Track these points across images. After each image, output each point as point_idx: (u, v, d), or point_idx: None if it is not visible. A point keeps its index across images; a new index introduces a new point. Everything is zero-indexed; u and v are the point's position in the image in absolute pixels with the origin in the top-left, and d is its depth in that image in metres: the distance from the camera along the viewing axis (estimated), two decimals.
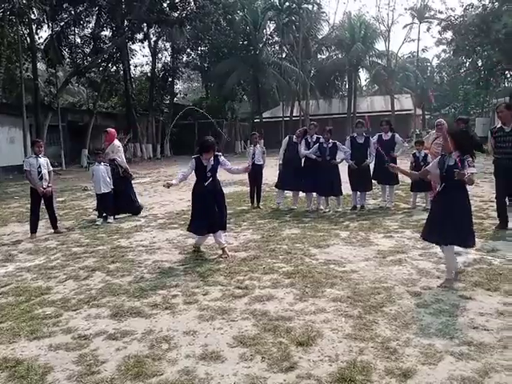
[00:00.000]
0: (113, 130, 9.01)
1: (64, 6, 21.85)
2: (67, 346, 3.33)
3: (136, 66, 35.43)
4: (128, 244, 6.51)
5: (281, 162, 8.62)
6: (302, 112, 37.73)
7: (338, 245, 5.86)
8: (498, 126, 6.10)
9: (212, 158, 5.40)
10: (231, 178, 14.19)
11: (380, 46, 41.09)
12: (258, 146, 8.84)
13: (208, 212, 5.42)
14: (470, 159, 4.14)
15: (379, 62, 39.83)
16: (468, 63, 39.31)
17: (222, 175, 6.14)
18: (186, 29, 28.86)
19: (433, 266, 4.74)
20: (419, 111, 43.86)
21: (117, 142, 8.86)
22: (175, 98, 38.89)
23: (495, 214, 6.53)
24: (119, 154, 8.71)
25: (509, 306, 3.60)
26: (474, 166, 4.16)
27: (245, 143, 40.27)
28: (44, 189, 7.26)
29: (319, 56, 42.49)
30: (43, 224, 7.89)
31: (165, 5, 22.97)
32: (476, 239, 5.63)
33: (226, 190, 12.07)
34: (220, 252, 5.57)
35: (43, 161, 7.35)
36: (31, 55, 21.96)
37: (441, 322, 3.38)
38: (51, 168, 7.53)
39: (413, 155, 8.31)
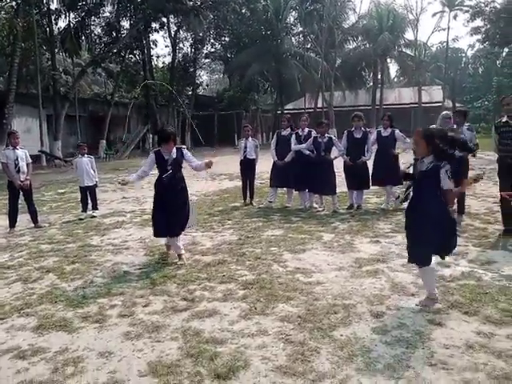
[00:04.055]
0: None
1: None
2: None
3: (158, 57, 35.36)
4: (99, 242, 6.19)
5: (275, 158, 8.09)
6: (326, 103, 36.80)
7: (316, 249, 5.32)
8: (504, 120, 5.38)
9: (174, 151, 4.95)
10: (235, 171, 13.74)
11: (408, 35, 39.34)
12: (250, 139, 8.32)
13: (169, 214, 4.95)
14: (448, 167, 3.46)
15: (408, 52, 38.24)
16: (505, 53, 37.26)
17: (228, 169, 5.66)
18: (207, 19, 28.45)
19: (411, 280, 4.15)
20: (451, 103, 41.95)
21: None
22: (198, 89, 38.69)
23: None
24: None
25: (482, 337, 3.00)
26: (450, 177, 3.47)
27: (266, 135, 39.84)
28: (21, 182, 7.03)
29: (346, 46, 41.25)
30: (28, 218, 7.65)
31: None
32: (472, 248, 5.04)
33: (224, 185, 11.76)
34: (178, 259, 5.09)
35: (21, 153, 7.11)
36: (49, 46, 22.10)
37: (394, 355, 2.82)
38: (30, 160, 7.29)
39: None
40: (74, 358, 3.00)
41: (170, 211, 4.92)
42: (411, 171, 4.00)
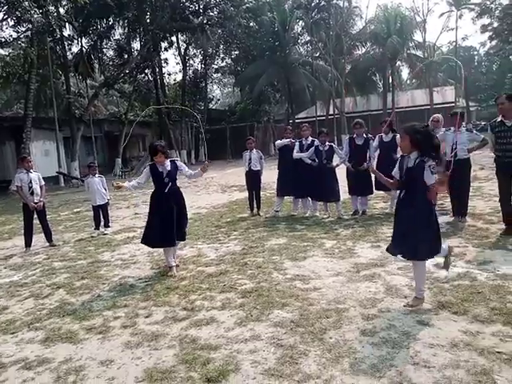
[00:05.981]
0: None
1: (92, 20, 22.51)
2: None
3: (170, 74, 36.05)
4: (109, 258, 6.41)
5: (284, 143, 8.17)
6: (337, 110, 36.86)
7: (317, 257, 5.42)
8: (499, 120, 5.41)
9: (168, 164, 5.16)
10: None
11: (417, 37, 39.30)
12: (254, 151, 8.49)
13: (165, 223, 5.12)
14: (432, 163, 3.57)
15: (417, 54, 38.10)
16: None
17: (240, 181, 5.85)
18: (215, 35, 29.00)
19: (406, 283, 4.22)
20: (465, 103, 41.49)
21: None
22: (211, 104, 39.26)
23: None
24: None
25: (468, 336, 3.06)
26: (436, 172, 3.59)
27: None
28: (35, 203, 7.33)
29: (355, 52, 41.33)
30: (43, 237, 7.93)
31: (187, 12, 23.18)
32: (471, 249, 5.06)
33: (234, 196, 11.92)
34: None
35: (34, 176, 7.42)
36: (64, 71, 22.87)
37: (379, 356, 2.91)
38: (43, 183, 7.58)
39: None
40: (76, 367, 3.17)
41: (170, 220, 5.08)
42: (396, 168, 3.99)
